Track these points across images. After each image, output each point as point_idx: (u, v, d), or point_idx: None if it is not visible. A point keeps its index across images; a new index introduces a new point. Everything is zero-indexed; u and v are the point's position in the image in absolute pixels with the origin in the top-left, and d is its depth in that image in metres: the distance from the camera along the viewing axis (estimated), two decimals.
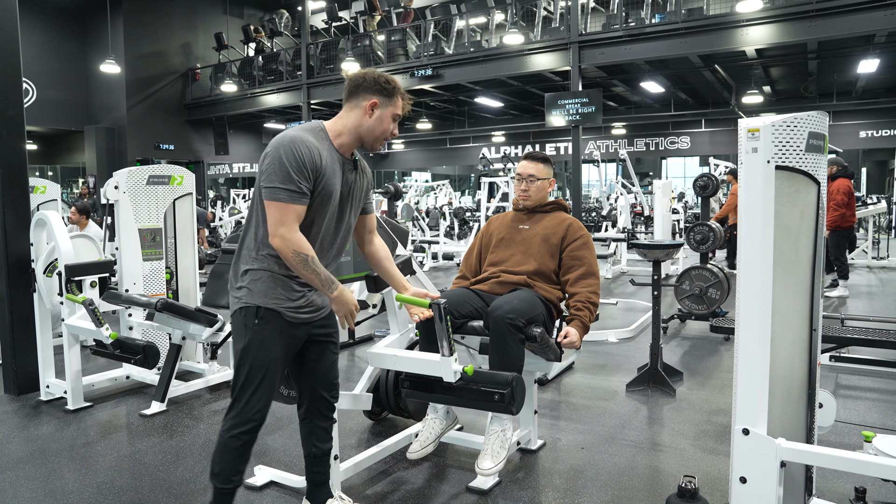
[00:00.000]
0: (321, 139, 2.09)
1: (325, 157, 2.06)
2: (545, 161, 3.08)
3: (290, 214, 1.99)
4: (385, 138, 2.19)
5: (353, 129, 2.14)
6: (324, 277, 2.03)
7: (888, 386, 4.13)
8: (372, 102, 2.13)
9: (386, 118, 2.17)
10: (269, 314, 2.07)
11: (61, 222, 4.06)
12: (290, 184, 1.97)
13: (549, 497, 2.70)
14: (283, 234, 1.98)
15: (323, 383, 2.31)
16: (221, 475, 2.10)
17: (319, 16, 19.23)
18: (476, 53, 13.27)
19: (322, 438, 2.35)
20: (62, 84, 17.45)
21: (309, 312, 2.17)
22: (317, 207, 2.08)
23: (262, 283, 2.08)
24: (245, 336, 2.08)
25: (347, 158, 2.17)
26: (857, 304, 7.09)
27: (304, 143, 2.01)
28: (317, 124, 2.14)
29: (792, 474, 2.10)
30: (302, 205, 2.01)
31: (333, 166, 2.09)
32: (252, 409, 2.08)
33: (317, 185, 2.04)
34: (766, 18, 10.24)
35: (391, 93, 2.16)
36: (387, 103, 2.16)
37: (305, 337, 2.21)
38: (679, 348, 5.28)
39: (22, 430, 3.56)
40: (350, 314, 2.15)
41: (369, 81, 2.14)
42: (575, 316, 2.78)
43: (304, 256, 1.99)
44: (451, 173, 30.96)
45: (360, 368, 4.80)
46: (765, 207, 1.96)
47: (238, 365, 2.10)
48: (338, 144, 2.13)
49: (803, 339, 2.12)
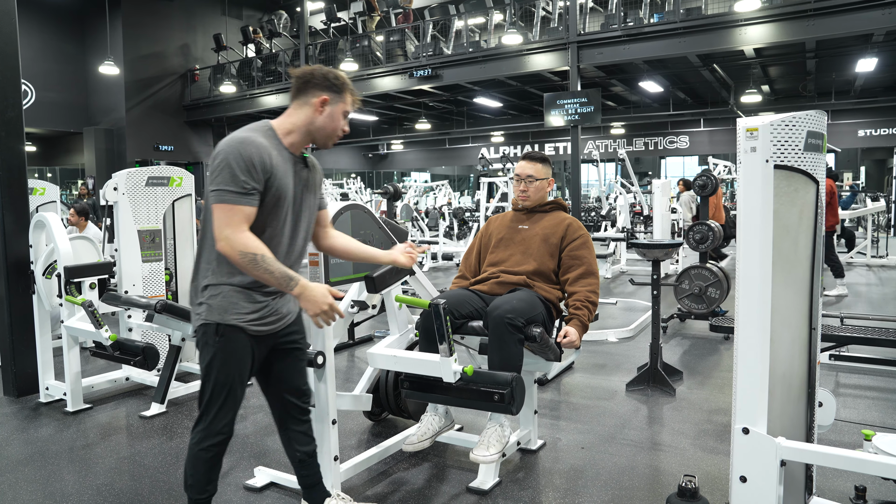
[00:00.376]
0: (270, 139, 2.03)
1: (276, 157, 2.00)
2: (543, 161, 3.08)
3: (237, 216, 1.91)
4: (337, 136, 2.13)
5: (303, 126, 2.08)
6: (279, 275, 1.92)
7: (888, 384, 4.14)
8: (322, 99, 2.06)
9: (337, 115, 2.10)
10: (230, 330, 2.01)
11: (60, 224, 4.05)
12: (236, 185, 1.90)
13: (549, 497, 2.70)
14: (227, 236, 1.90)
15: (292, 391, 2.26)
16: (195, 486, 2.09)
17: (318, 16, 19.23)
18: (475, 54, 13.27)
19: (303, 442, 2.31)
20: (61, 86, 17.44)
21: (273, 323, 2.11)
22: (270, 210, 2.01)
23: (222, 298, 2.01)
24: (208, 353, 2.03)
25: (298, 157, 2.11)
26: (857, 303, 7.10)
27: (253, 144, 1.94)
28: (264, 124, 2.07)
29: (792, 473, 2.10)
30: (250, 206, 1.93)
31: (285, 166, 2.03)
32: (220, 422, 2.06)
33: (268, 186, 1.97)
34: (765, 18, 10.24)
35: (341, 89, 2.09)
36: (337, 100, 2.09)
37: (271, 345, 2.17)
38: (679, 348, 5.28)
39: (21, 433, 3.56)
40: (324, 313, 1.97)
41: (318, 78, 2.07)
42: (574, 315, 2.79)
43: (252, 256, 1.89)
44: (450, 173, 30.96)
45: (359, 369, 4.80)
46: (764, 206, 1.96)
47: (203, 381, 2.06)
48: (287, 143, 2.07)
49: (803, 337, 2.12)
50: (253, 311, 2.04)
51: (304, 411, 2.31)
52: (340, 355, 5.19)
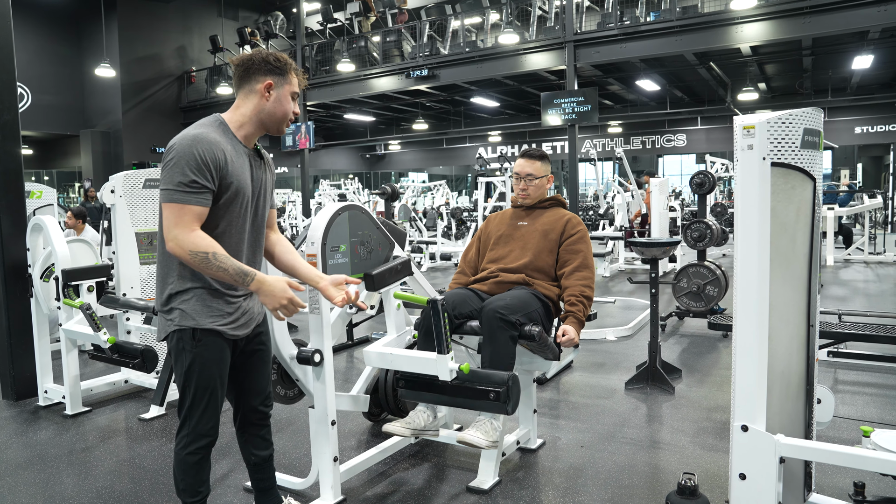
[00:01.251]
0: (224, 133, 1.96)
1: (230, 152, 1.94)
2: (542, 158, 3.08)
3: (186, 215, 1.85)
4: (289, 120, 2.06)
5: (254, 116, 2.01)
6: (234, 272, 1.86)
7: (886, 381, 4.14)
8: (267, 84, 1.99)
9: (285, 98, 2.02)
10: (207, 334, 1.97)
11: (58, 227, 4.05)
12: (186, 184, 1.84)
13: (549, 496, 2.70)
14: (175, 236, 1.84)
15: (252, 393, 2.22)
16: (188, 490, 2.07)
17: (314, 17, 19.21)
18: (471, 53, 13.27)
19: (259, 446, 2.28)
20: (57, 88, 17.41)
21: (246, 324, 2.08)
22: (229, 206, 1.95)
23: (195, 302, 1.96)
24: (185, 359, 1.98)
25: (252, 151, 2.06)
26: (855, 300, 7.11)
27: (205, 140, 1.88)
28: (215, 118, 2.00)
29: (791, 470, 2.10)
30: (200, 205, 1.87)
31: (240, 161, 1.98)
32: (204, 426, 2.03)
33: (223, 183, 1.91)
34: (761, 15, 10.26)
35: (284, 70, 2.01)
36: (282, 82, 2.01)
37: (241, 347, 2.14)
38: (677, 346, 5.29)
39: (20, 436, 3.55)
40: (283, 306, 1.92)
41: (258, 62, 1.99)
42: (569, 312, 2.77)
43: (204, 255, 1.83)
44: (447, 173, 30.95)
45: (358, 370, 4.80)
46: (761, 204, 1.96)
47: (183, 387, 2.02)
48: (241, 137, 2.01)
49: (801, 334, 2.12)
50: (228, 315, 2.01)
51: (265, 416, 2.27)
52: (339, 356, 5.19)
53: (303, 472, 2.82)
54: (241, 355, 2.16)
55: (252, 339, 2.17)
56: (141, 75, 17.79)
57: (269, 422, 2.31)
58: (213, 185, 1.90)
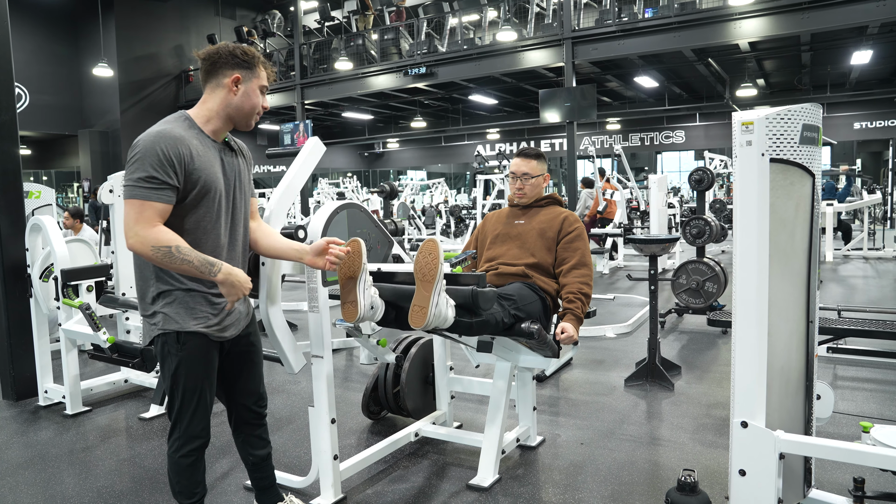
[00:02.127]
0: (189, 128, 1.95)
1: (196, 147, 1.92)
2: (538, 157, 3.07)
3: (147, 211, 1.82)
4: (258, 113, 2.03)
5: (221, 110, 1.99)
6: (199, 263, 1.84)
7: (885, 376, 4.15)
8: (234, 78, 1.97)
9: (253, 91, 2.00)
10: (191, 337, 1.96)
11: (56, 227, 4.04)
12: (146, 179, 1.82)
13: (549, 493, 2.70)
14: (136, 233, 1.81)
15: (244, 393, 2.22)
16: (183, 492, 2.08)
17: (312, 16, 19.20)
18: (469, 51, 13.26)
19: (256, 446, 2.28)
20: (55, 88, 17.39)
21: (232, 326, 2.07)
22: (199, 203, 1.93)
23: (177, 305, 1.95)
24: (172, 363, 1.97)
25: (222, 144, 2.04)
26: (854, 295, 7.11)
27: (169, 136, 1.87)
28: (181, 114, 1.99)
29: (791, 466, 2.10)
30: (164, 202, 1.84)
31: (209, 155, 1.95)
32: (195, 428, 2.03)
33: (190, 178, 1.89)
34: (759, 11, 10.25)
35: (251, 63, 1.99)
36: (250, 76, 1.99)
37: (228, 348, 2.13)
38: (677, 342, 5.29)
39: (21, 436, 3.55)
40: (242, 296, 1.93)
41: (225, 56, 1.96)
42: (567, 309, 2.76)
43: (167, 249, 1.80)
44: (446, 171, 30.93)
45: (358, 368, 4.80)
46: (760, 200, 1.96)
47: (171, 390, 2.01)
48: (209, 132, 1.99)
49: (800, 330, 2.12)
50: (213, 316, 2.00)
51: (260, 416, 2.28)
52: (339, 355, 5.19)
53: (303, 471, 2.82)
54: (230, 356, 2.15)
55: (240, 340, 2.15)
56: (139, 75, 17.77)
57: (265, 421, 2.31)
58: (177, 182, 1.87)
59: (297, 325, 5.95)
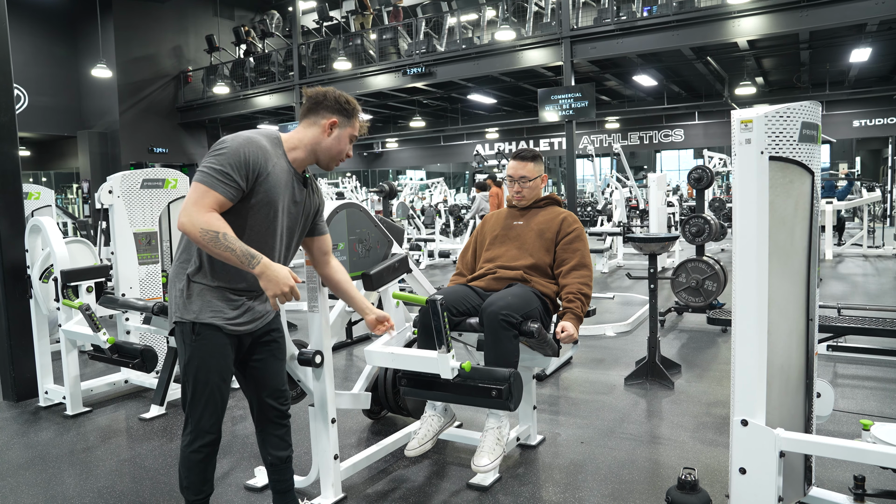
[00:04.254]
0: (275, 146, 2.06)
1: (274, 163, 2.02)
2: (534, 159, 3.06)
3: (208, 198, 1.89)
4: (341, 159, 2.17)
5: (310, 145, 2.11)
6: (241, 253, 1.88)
7: (885, 374, 4.15)
8: (332, 122, 2.10)
9: (344, 138, 2.15)
10: (206, 329, 2.01)
11: (56, 228, 4.05)
12: (219, 173, 1.91)
13: (549, 492, 2.70)
14: (190, 213, 1.88)
15: (269, 391, 2.25)
16: (191, 488, 2.09)
17: (310, 16, 19.18)
18: (468, 50, 13.25)
19: (277, 447, 2.29)
20: (54, 90, 17.38)
21: (250, 322, 2.11)
22: (253, 212, 2.01)
23: (198, 297, 2.01)
24: (185, 353, 2.03)
25: (299, 175, 2.13)
26: (854, 294, 7.12)
27: (255, 144, 1.98)
28: (273, 131, 2.11)
29: (791, 464, 2.11)
30: (226, 196, 1.91)
31: (282, 176, 2.04)
32: (206, 422, 2.05)
33: (256, 188, 1.98)
34: (758, 9, 10.25)
35: (351, 113, 2.14)
36: (346, 124, 2.14)
37: (248, 344, 2.17)
38: (676, 341, 5.29)
39: (21, 437, 3.55)
40: (283, 294, 1.94)
41: (331, 100, 2.12)
42: (567, 309, 2.77)
43: (214, 234, 1.86)
44: (445, 171, 30.95)
45: (358, 368, 4.81)
46: (759, 198, 1.96)
47: (183, 381, 2.06)
48: (292, 158, 2.09)
49: (800, 329, 2.13)
50: (230, 310, 2.05)
51: (282, 415, 2.29)
52: (339, 354, 5.19)
53: (303, 471, 2.82)
54: (251, 352, 2.20)
55: (262, 336, 2.20)
56: (137, 76, 17.76)
57: (288, 423, 2.32)
58: (244, 185, 1.95)
59: (296, 326, 5.95)
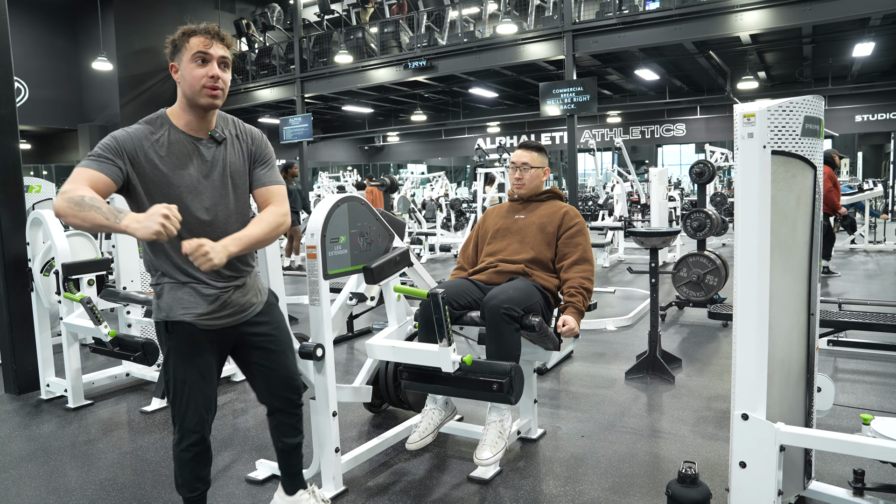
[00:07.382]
0: (159, 126, 1.96)
1: (158, 141, 1.93)
2: (539, 150, 3.08)
3: (81, 175, 1.82)
4: (207, 86, 1.93)
5: (181, 100, 1.98)
6: (106, 210, 1.72)
7: (886, 369, 4.15)
8: (171, 65, 1.97)
9: (187, 66, 1.93)
10: (178, 326, 1.99)
11: (57, 221, 4.05)
12: (93, 155, 1.87)
13: (549, 485, 2.71)
14: (62, 191, 1.78)
15: (278, 385, 2.22)
16: (185, 486, 2.09)
17: (312, 9, 19.12)
18: (469, 44, 13.22)
19: (289, 434, 2.29)
20: (54, 83, 17.34)
21: (228, 316, 2.06)
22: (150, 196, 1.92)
23: (167, 294, 1.99)
24: (164, 351, 2.04)
25: (202, 137, 2.00)
26: (855, 288, 7.11)
27: (125, 131, 1.93)
28: (159, 113, 2.02)
29: (791, 458, 2.11)
30: (101, 171, 1.84)
31: (175, 147, 1.95)
32: (190, 421, 2.03)
33: (140, 169, 1.91)
34: (761, 3, 10.21)
35: (178, 43, 1.96)
36: (180, 56, 1.95)
37: (234, 339, 2.13)
38: (677, 335, 5.30)
39: (23, 429, 3.56)
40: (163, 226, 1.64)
41: (167, 53, 1.99)
42: (569, 303, 2.78)
43: (80, 197, 1.73)
44: (446, 165, 30.90)
45: (359, 361, 4.81)
46: (761, 192, 1.96)
47: (165, 380, 2.05)
48: (183, 125, 1.99)
49: (801, 323, 2.13)
50: (204, 305, 2.00)
51: (291, 403, 2.27)
52: (340, 347, 5.20)
53: (305, 463, 2.82)
54: (246, 347, 2.16)
55: (251, 329, 2.14)
56: (138, 69, 17.71)
57: (300, 411, 2.32)
58: (122, 164, 1.89)
59: (297, 319, 5.96)
